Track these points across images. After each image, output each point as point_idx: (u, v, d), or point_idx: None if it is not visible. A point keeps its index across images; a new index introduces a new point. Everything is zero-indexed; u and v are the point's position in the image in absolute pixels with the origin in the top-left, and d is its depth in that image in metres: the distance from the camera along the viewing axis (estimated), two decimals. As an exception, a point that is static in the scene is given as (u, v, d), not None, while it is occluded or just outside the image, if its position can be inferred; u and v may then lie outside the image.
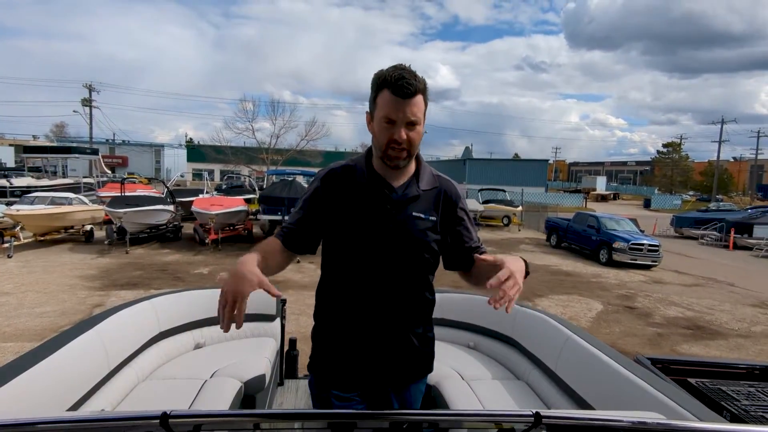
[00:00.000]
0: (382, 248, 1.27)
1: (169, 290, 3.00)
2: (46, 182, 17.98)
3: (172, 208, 12.58)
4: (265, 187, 16.88)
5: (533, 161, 45.94)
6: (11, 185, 16.27)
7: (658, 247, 11.78)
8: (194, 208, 11.59)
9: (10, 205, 11.40)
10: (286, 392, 3.06)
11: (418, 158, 1.35)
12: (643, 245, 11.67)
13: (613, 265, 11.71)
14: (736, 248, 16.95)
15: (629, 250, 11.60)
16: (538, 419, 0.84)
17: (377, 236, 1.27)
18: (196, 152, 46.80)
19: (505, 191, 22.51)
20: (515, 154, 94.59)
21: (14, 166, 29.76)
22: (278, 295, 1.08)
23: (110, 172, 29.35)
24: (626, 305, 7.96)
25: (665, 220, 23.03)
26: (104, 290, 7.29)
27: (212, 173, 33.76)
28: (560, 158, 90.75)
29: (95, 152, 23.39)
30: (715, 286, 10.13)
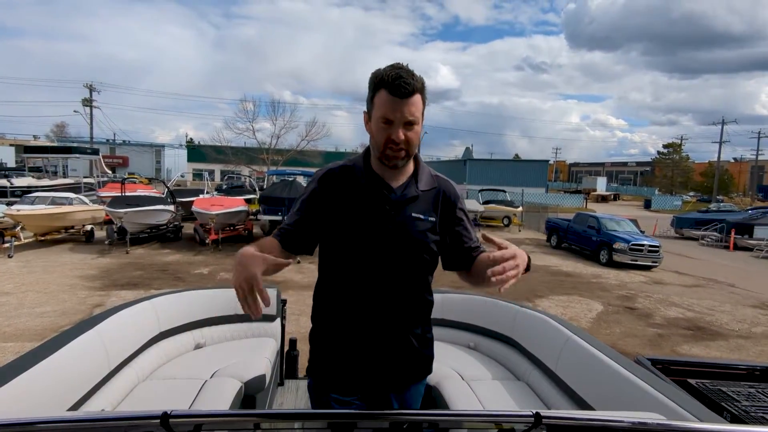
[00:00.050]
0: (381, 249, 1.26)
1: (169, 290, 3.00)
2: (46, 182, 17.97)
3: (172, 208, 12.59)
4: (265, 187, 16.89)
5: (534, 162, 45.95)
6: (12, 185, 16.26)
7: (658, 247, 11.77)
8: (194, 208, 11.60)
9: (10, 205, 11.40)
10: (286, 392, 3.06)
11: (416, 158, 1.34)
12: (643, 246, 11.67)
13: (613, 265, 11.70)
14: (736, 249, 16.94)
15: (629, 250, 11.60)
16: (538, 419, 0.84)
17: (376, 237, 1.25)
18: (196, 152, 46.87)
19: (505, 192, 22.50)
20: (516, 154, 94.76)
21: (15, 166, 29.76)
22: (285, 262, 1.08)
23: (111, 172, 29.35)
24: (626, 306, 7.95)
25: (665, 220, 23.01)
26: (104, 290, 7.29)
27: (213, 173, 33.80)
28: (561, 159, 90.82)
29: (96, 152, 23.38)
30: (715, 286, 10.13)
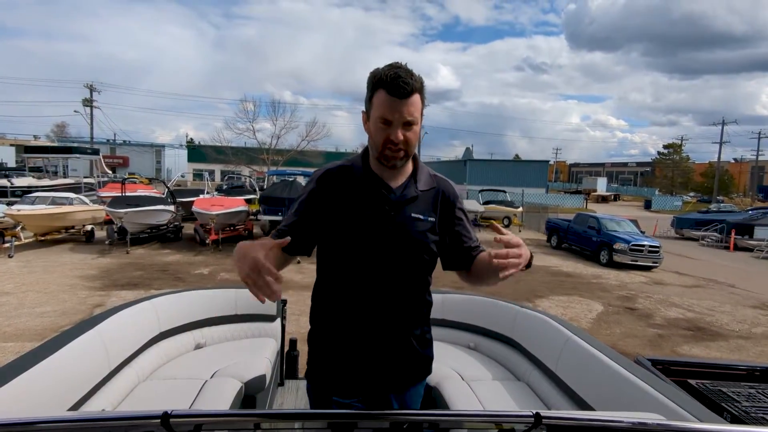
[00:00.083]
0: (381, 250, 1.25)
1: (169, 290, 3.00)
2: (47, 182, 17.97)
3: (172, 208, 12.59)
4: (265, 187, 16.90)
5: (534, 162, 45.93)
6: (12, 185, 16.27)
7: (658, 248, 11.77)
8: (195, 208, 11.61)
9: (11, 205, 11.41)
10: (286, 392, 3.06)
11: (415, 158, 1.33)
12: (643, 246, 11.66)
13: (613, 266, 11.70)
14: (736, 249, 16.93)
15: (630, 251, 11.59)
16: (538, 420, 0.84)
17: (376, 238, 1.24)
18: (196, 152, 46.86)
19: (505, 192, 22.49)
20: (516, 155, 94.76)
21: (15, 166, 29.73)
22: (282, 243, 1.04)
23: (111, 172, 29.36)
24: (627, 306, 7.95)
25: (666, 221, 23.01)
26: (105, 290, 7.30)
27: (213, 173, 33.80)
28: (561, 159, 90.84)
29: (96, 152, 23.39)
30: (715, 287, 10.12)
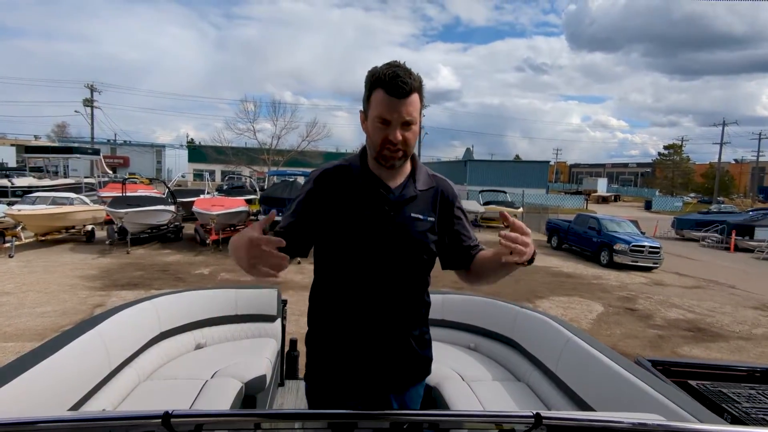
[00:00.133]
0: (380, 250, 1.24)
1: (170, 290, 3.00)
2: (47, 182, 17.99)
3: (173, 208, 12.59)
4: (266, 187, 16.91)
5: (534, 163, 45.92)
6: (13, 185, 16.29)
7: (659, 249, 11.76)
8: (195, 208, 11.61)
9: (11, 204, 11.42)
10: (286, 393, 3.06)
11: (413, 158, 1.31)
12: (644, 247, 11.66)
13: (614, 266, 11.69)
14: (737, 250, 16.92)
15: (630, 251, 11.59)
16: (538, 420, 0.84)
17: (376, 238, 1.23)
18: (197, 153, 46.88)
19: (506, 192, 22.50)
20: (516, 155, 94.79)
21: (16, 166, 29.75)
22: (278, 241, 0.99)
23: (111, 172, 29.36)
24: (627, 307, 7.95)
25: (666, 222, 23.01)
26: (105, 290, 7.30)
27: (213, 174, 33.81)
28: (561, 160, 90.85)
29: (97, 152, 23.39)
30: (716, 288, 10.12)
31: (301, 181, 15.33)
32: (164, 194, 13.82)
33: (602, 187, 57.10)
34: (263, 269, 0.99)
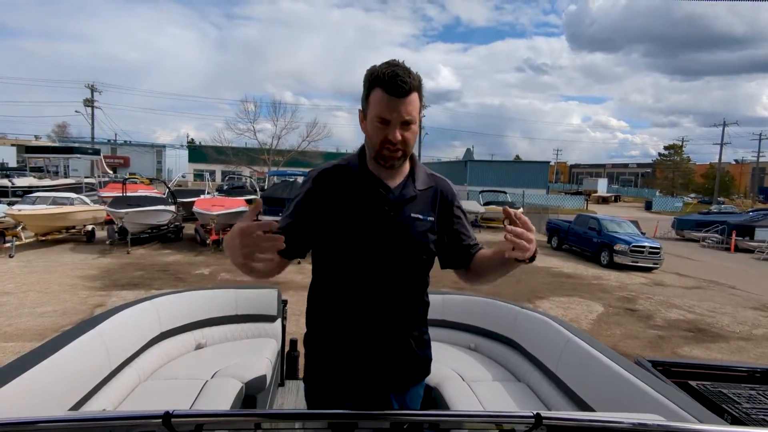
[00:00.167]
0: (380, 251, 1.23)
1: (170, 290, 3.00)
2: (47, 182, 18.01)
3: (173, 208, 12.60)
4: (266, 187, 16.91)
5: (534, 163, 45.95)
6: (13, 185, 16.31)
7: (659, 249, 11.76)
8: (195, 208, 11.62)
9: (12, 204, 11.43)
10: (286, 393, 3.06)
11: (412, 157, 1.30)
12: (644, 248, 11.65)
13: (614, 267, 11.69)
14: (737, 251, 16.92)
15: (630, 252, 11.58)
16: (538, 420, 0.84)
17: (376, 238, 1.22)
18: (197, 153, 46.90)
19: (506, 193, 22.51)
20: (516, 155, 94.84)
21: (16, 166, 29.77)
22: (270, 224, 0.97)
23: (112, 172, 29.36)
24: (627, 307, 7.94)
25: (666, 222, 23.00)
26: (105, 290, 7.30)
27: (213, 174, 33.82)
28: (561, 160, 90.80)
29: (97, 152, 23.41)
30: (716, 288, 10.11)
31: (301, 181, 15.32)
32: (164, 194, 13.83)
33: (602, 187, 57.08)
34: (259, 257, 0.97)
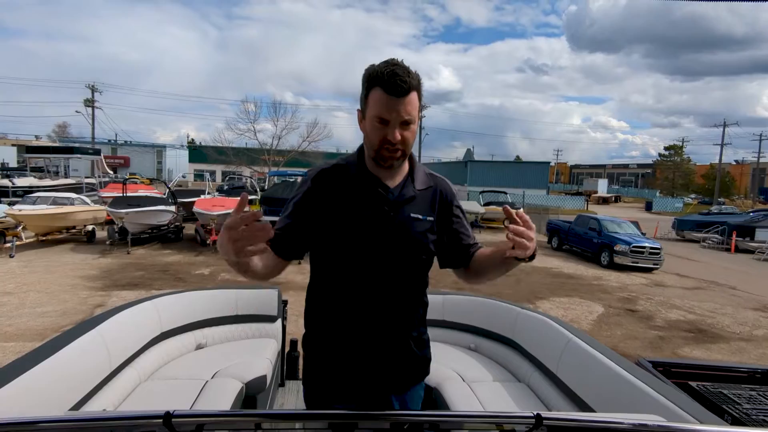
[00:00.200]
0: (380, 251, 1.22)
1: (170, 291, 3.00)
2: (48, 182, 18.01)
3: (173, 208, 12.59)
4: (266, 188, 16.91)
5: (535, 163, 45.92)
6: (14, 185, 16.32)
7: (659, 250, 11.75)
8: (196, 208, 11.62)
9: (12, 204, 11.44)
10: (287, 393, 3.06)
11: (411, 157, 1.29)
12: (644, 248, 11.65)
13: (614, 267, 11.69)
14: (737, 251, 16.92)
15: (631, 252, 11.58)
16: (539, 421, 0.84)
17: (376, 239, 1.21)
18: (197, 153, 46.84)
19: (506, 193, 22.49)
20: (517, 156, 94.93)
21: (17, 166, 29.78)
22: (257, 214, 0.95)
23: (112, 172, 29.36)
24: (627, 308, 7.94)
25: (667, 223, 23.00)
26: (105, 290, 7.30)
27: (214, 174, 33.82)
28: (562, 161, 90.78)
29: (97, 152, 23.45)
30: (716, 289, 10.11)
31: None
32: (165, 194, 13.83)
33: (603, 187, 57.04)
34: (250, 251, 0.94)
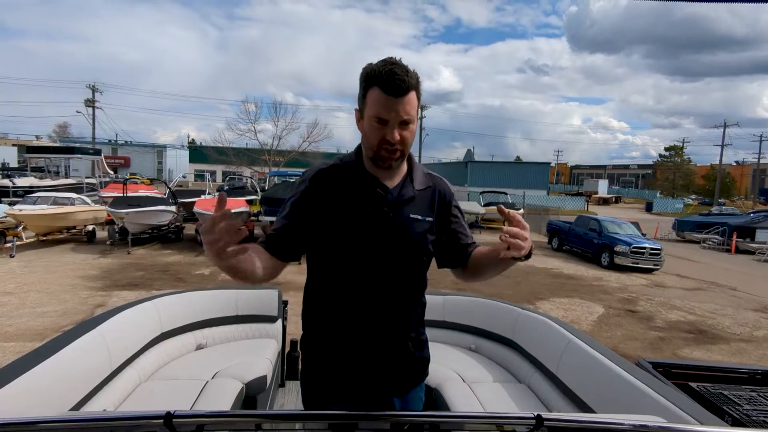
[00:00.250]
0: (379, 252, 1.21)
1: (171, 291, 3.00)
2: (48, 182, 18.02)
3: (174, 208, 12.59)
4: (266, 188, 16.91)
5: (535, 164, 45.91)
6: (14, 185, 16.33)
7: (659, 250, 11.75)
8: (196, 209, 11.61)
9: (12, 204, 11.44)
10: (287, 393, 3.06)
11: (409, 157, 1.28)
12: (644, 249, 11.65)
13: (614, 268, 11.69)
14: (738, 252, 16.91)
15: (631, 253, 11.58)
16: (539, 422, 0.84)
17: (375, 239, 1.20)
18: (198, 153, 46.86)
19: (506, 194, 22.50)
20: (517, 156, 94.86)
21: (17, 166, 29.80)
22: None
23: (112, 172, 29.37)
24: (628, 309, 7.94)
25: (667, 223, 22.99)
26: (106, 290, 7.30)
27: (214, 174, 33.82)
28: (562, 161, 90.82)
29: (98, 153, 23.43)
30: (717, 290, 10.10)
31: (301, 181, 15.28)
32: (165, 195, 13.83)
33: (603, 188, 56.97)
34: (232, 251, 0.93)
